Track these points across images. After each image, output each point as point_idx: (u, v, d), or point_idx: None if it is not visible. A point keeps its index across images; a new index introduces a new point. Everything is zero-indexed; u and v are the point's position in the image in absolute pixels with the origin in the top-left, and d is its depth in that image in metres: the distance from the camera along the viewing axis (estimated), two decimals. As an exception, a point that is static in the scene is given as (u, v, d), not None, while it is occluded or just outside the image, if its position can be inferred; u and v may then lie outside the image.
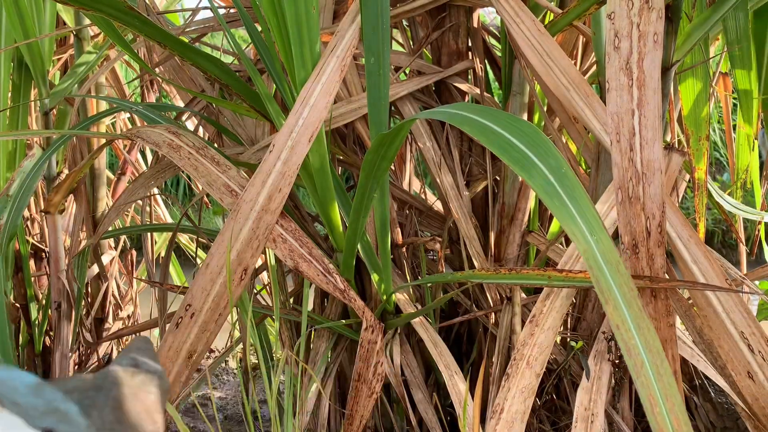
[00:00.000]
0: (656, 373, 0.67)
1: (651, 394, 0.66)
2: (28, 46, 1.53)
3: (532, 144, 0.75)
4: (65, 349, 1.76)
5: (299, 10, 0.96)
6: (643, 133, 0.82)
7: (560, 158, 0.74)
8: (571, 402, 1.25)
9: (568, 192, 0.71)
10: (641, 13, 0.83)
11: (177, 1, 2.06)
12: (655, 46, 0.82)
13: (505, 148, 0.76)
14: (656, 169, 0.82)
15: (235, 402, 1.95)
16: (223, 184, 1.04)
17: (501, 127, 0.78)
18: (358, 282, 1.31)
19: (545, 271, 0.97)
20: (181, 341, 0.94)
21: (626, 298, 0.68)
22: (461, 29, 1.37)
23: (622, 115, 0.82)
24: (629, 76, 0.83)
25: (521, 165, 0.74)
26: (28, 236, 1.89)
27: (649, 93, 0.81)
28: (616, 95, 0.83)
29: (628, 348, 0.67)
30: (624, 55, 0.83)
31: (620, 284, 0.68)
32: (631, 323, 0.67)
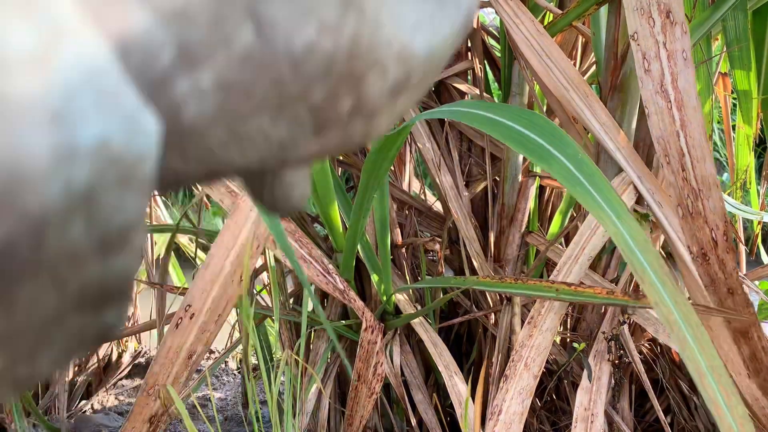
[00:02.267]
0: (699, 346, 0.67)
1: (698, 367, 0.66)
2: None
3: (546, 135, 0.76)
4: (65, 350, 1.76)
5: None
6: (692, 152, 0.82)
7: (575, 146, 0.74)
8: (571, 402, 1.25)
9: (588, 178, 0.72)
10: (665, 29, 0.82)
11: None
12: (686, 64, 0.81)
13: (521, 142, 0.76)
14: (712, 184, 0.82)
15: (235, 403, 1.95)
16: (222, 184, 1.04)
17: (513, 121, 0.79)
18: (358, 282, 1.31)
19: (553, 284, 0.97)
20: (180, 342, 0.94)
21: (659, 275, 0.68)
22: (461, 30, 1.37)
23: (667, 138, 0.82)
24: (666, 99, 0.82)
25: (539, 156, 0.74)
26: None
27: (690, 112, 0.81)
28: (657, 119, 0.82)
29: (670, 323, 0.67)
30: (656, 78, 0.82)
31: (651, 262, 0.68)
32: (669, 299, 0.67)
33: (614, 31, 1.07)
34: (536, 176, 1.35)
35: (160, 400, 0.94)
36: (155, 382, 0.94)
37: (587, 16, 1.11)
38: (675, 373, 1.34)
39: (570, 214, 1.43)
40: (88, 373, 1.98)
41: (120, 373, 2.10)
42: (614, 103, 1.10)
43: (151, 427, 0.96)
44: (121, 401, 2.00)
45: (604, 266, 1.19)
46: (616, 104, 1.11)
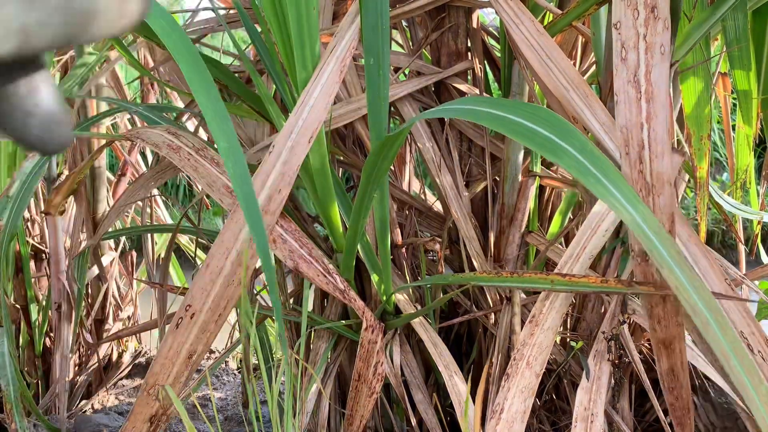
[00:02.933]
0: (721, 328, 0.67)
1: (722, 349, 0.67)
2: (28, 47, 1.53)
3: (553, 128, 0.76)
4: (65, 350, 1.77)
5: (300, 11, 0.96)
6: (653, 146, 0.82)
7: (583, 138, 0.75)
8: (571, 402, 1.25)
9: (599, 168, 0.72)
10: (647, 23, 0.83)
11: (177, 2, 2.06)
12: (662, 58, 0.82)
13: (529, 136, 0.76)
14: (665, 182, 0.82)
15: (236, 403, 1.95)
16: (222, 185, 1.04)
17: (518, 116, 0.79)
18: (358, 282, 1.31)
19: (548, 275, 0.97)
20: (181, 342, 0.94)
21: (676, 260, 0.68)
22: (460, 30, 1.37)
23: (631, 129, 0.82)
24: (637, 89, 0.82)
25: (548, 149, 0.74)
26: (28, 237, 1.89)
27: (658, 106, 0.81)
28: (624, 108, 0.82)
29: (692, 307, 0.67)
30: (631, 68, 0.83)
31: (668, 248, 0.68)
32: (688, 284, 0.68)
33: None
34: (536, 176, 1.36)
35: (159, 400, 0.94)
36: (155, 382, 0.95)
37: (587, 16, 1.11)
38: (675, 373, 1.34)
39: (569, 214, 1.43)
40: (88, 373, 1.98)
41: (120, 373, 2.10)
42: (614, 104, 1.10)
43: (151, 427, 0.96)
44: (121, 401, 2.00)
45: (604, 266, 1.19)
46: (615, 104, 1.11)
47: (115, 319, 2.09)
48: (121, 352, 2.16)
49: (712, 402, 1.31)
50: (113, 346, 2.12)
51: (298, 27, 0.97)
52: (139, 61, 1.82)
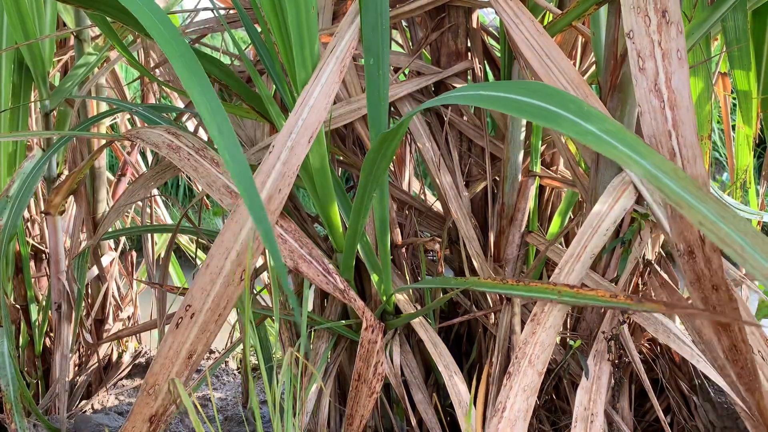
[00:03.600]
0: (762, 251, 0.63)
1: (762, 267, 0.62)
2: (28, 47, 1.53)
3: (546, 97, 0.75)
4: (65, 350, 1.77)
5: (300, 11, 0.96)
6: (683, 152, 0.81)
7: (578, 101, 0.74)
8: (571, 402, 1.25)
9: (598, 126, 0.71)
10: (660, 29, 0.82)
11: (178, 1, 2.06)
12: (680, 63, 0.81)
13: (525, 109, 0.75)
14: (702, 185, 0.81)
15: (236, 403, 1.95)
16: (222, 184, 1.04)
17: (512, 93, 0.78)
18: (358, 282, 1.31)
19: (555, 286, 0.97)
20: (180, 341, 0.94)
21: (697, 195, 0.66)
22: (460, 30, 1.37)
23: (659, 138, 0.82)
24: (660, 98, 0.82)
25: (546, 118, 0.73)
26: (28, 237, 1.89)
27: (683, 112, 0.81)
28: (650, 118, 0.82)
29: (722, 239, 0.64)
30: (651, 77, 0.82)
31: (685, 186, 0.66)
32: (712, 215, 0.66)
33: (614, 30, 1.07)
34: (536, 176, 1.36)
35: (168, 394, 0.94)
36: (155, 382, 0.94)
37: (587, 16, 1.11)
38: (675, 373, 1.34)
39: (570, 214, 1.43)
40: (88, 373, 1.98)
41: (120, 373, 2.10)
42: (614, 103, 1.10)
43: (151, 427, 0.96)
44: (121, 401, 2.00)
45: (604, 266, 1.19)
46: (615, 104, 1.11)
47: (115, 319, 2.09)
48: (121, 352, 2.16)
49: (712, 402, 1.31)
50: (113, 346, 2.12)
51: (298, 27, 0.97)
52: (139, 61, 1.82)
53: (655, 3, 0.81)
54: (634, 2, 0.82)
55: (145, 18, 0.83)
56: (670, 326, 1.14)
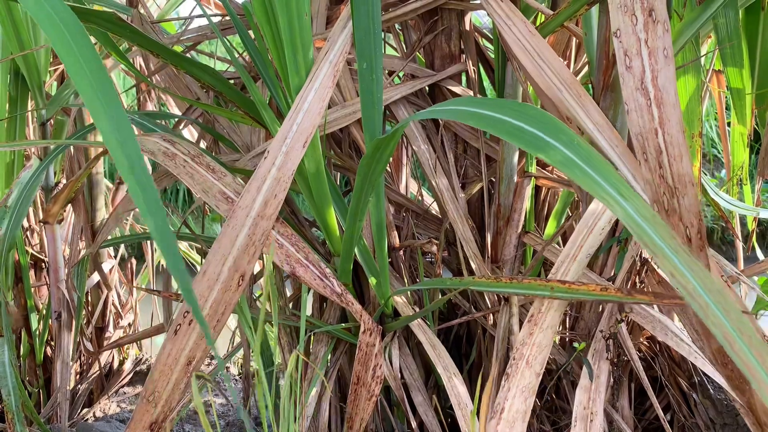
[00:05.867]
0: (723, 310, 0.64)
1: (725, 333, 0.64)
2: (24, 57, 1.54)
3: (540, 124, 0.76)
4: (66, 359, 1.77)
5: (292, 17, 0.97)
6: (670, 150, 0.82)
7: (570, 132, 0.75)
8: (571, 402, 1.25)
9: (586, 161, 0.72)
10: (647, 27, 0.82)
11: (173, 9, 2.07)
12: (666, 62, 0.82)
13: (515, 134, 0.77)
14: (688, 182, 0.82)
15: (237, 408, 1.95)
16: (218, 191, 1.05)
17: (505, 114, 0.79)
18: (356, 286, 1.31)
19: (548, 282, 0.98)
20: (179, 348, 0.94)
21: (671, 246, 0.67)
22: (453, 32, 1.38)
23: (646, 135, 0.82)
24: (646, 96, 0.82)
25: (535, 146, 0.74)
26: (27, 247, 1.89)
27: (669, 110, 0.81)
28: (636, 116, 0.82)
29: (689, 292, 0.65)
30: (637, 75, 0.82)
31: (662, 236, 0.67)
32: (684, 268, 0.66)
33: (605, 30, 1.08)
34: (532, 176, 1.36)
35: (168, 401, 0.94)
36: (155, 389, 0.95)
37: (578, 16, 1.11)
38: (674, 371, 1.34)
39: (566, 214, 1.43)
40: (89, 381, 1.98)
41: (121, 381, 2.10)
42: (607, 103, 1.11)
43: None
44: (123, 408, 2.00)
45: (601, 265, 1.19)
46: (608, 103, 1.11)
47: (116, 327, 2.09)
48: (122, 360, 2.16)
49: (712, 399, 1.31)
50: (114, 354, 2.12)
51: (290, 33, 0.98)
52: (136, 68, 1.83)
53: (642, 2, 0.82)
54: (621, 1, 0.83)
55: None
56: (668, 324, 1.14)
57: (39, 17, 0.82)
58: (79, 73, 0.80)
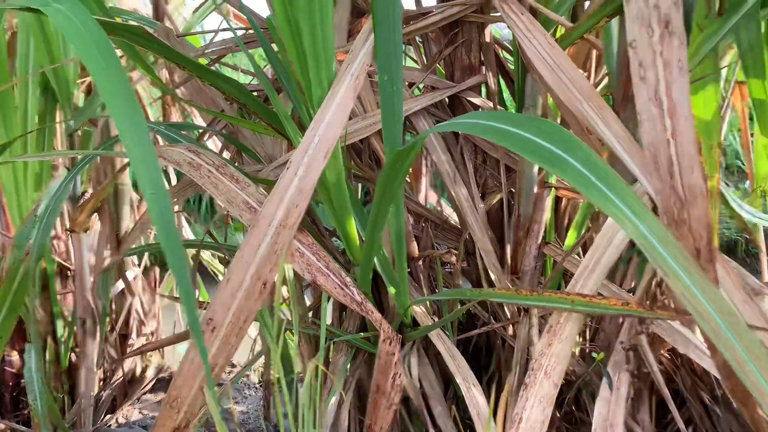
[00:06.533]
0: (735, 332, 0.66)
1: (736, 355, 0.65)
2: (54, 70, 1.58)
3: (557, 141, 0.77)
4: (91, 365, 1.80)
5: (315, 31, 0.99)
6: (681, 161, 0.82)
7: (587, 149, 0.75)
8: (591, 413, 1.24)
9: (602, 179, 0.73)
10: (663, 39, 0.83)
11: (198, 22, 2.11)
12: (681, 74, 0.82)
13: (532, 149, 0.77)
14: (698, 194, 0.82)
15: (257, 416, 1.96)
16: (242, 200, 1.06)
17: (523, 130, 0.80)
18: (376, 295, 1.32)
19: (568, 295, 0.98)
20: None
21: (683, 266, 0.68)
22: (474, 44, 1.39)
23: (657, 146, 0.83)
24: (659, 107, 0.83)
25: (551, 162, 0.75)
26: (54, 255, 1.93)
27: (682, 121, 0.82)
28: (648, 126, 0.83)
29: (700, 313, 0.66)
30: (651, 86, 0.83)
31: (674, 255, 0.68)
32: (695, 289, 0.67)
33: (626, 42, 1.08)
34: (552, 187, 1.36)
35: (191, 407, 0.95)
36: (178, 395, 0.96)
37: (599, 28, 1.12)
38: (696, 384, 1.33)
39: (587, 225, 1.43)
40: (113, 387, 2.01)
41: (144, 388, 2.13)
42: (627, 114, 1.11)
43: (174, 439, 0.98)
44: (145, 415, 2.02)
45: (621, 275, 1.19)
46: (628, 115, 1.11)
47: (139, 334, 2.12)
48: (144, 367, 2.19)
49: (734, 412, 1.29)
50: (137, 361, 2.15)
51: (313, 46, 1.00)
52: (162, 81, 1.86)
53: (658, 14, 0.82)
54: (639, 13, 0.83)
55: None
56: (689, 336, 1.13)
57: (68, 33, 0.85)
58: (106, 85, 0.83)
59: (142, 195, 2.10)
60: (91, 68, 0.84)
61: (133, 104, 0.84)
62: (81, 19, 0.88)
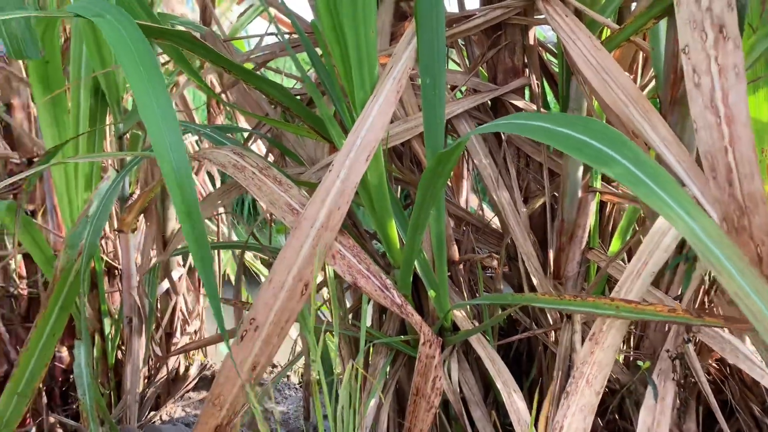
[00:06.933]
0: None
1: None
2: (105, 74, 1.63)
3: (604, 139, 0.76)
4: (137, 363, 1.84)
5: (359, 34, 0.99)
6: (740, 168, 0.80)
7: (635, 148, 0.74)
8: (635, 423, 1.22)
9: (652, 177, 0.71)
10: (717, 44, 0.80)
11: (243, 27, 2.15)
12: (738, 80, 0.79)
13: (580, 148, 0.76)
14: (759, 201, 0.80)
15: (297, 416, 1.98)
16: (285, 202, 1.08)
17: (569, 128, 0.79)
18: (416, 298, 1.32)
19: (613, 301, 0.96)
20: (245, 354, 0.97)
21: (738, 267, 0.66)
22: (517, 47, 1.38)
23: (715, 154, 0.81)
24: (716, 114, 0.80)
25: (599, 160, 0.74)
26: (102, 254, 1.98)
27: (740, 128, 0.79)
28: (705, 134, 0.81)
29: (753, 314, 0.64)
30: (707, 93, 0.81)
31: (729, 256, 0.67)
32: (750, 289, 0.66)
33: (673, 44, 1.06)
34: (596, 191, 1.34)
35: (233, 405, 0.97)
36: (220, 393, 0.98)
37: (645, 30, 1.10)
38: (745, 395, 1.29)
39: (632, 230, 1.40)
40: (157, 385, 2.06)
41: (187, 386, 2.17)
42: (674, 118, 1.09)
43: (216, 437, 1.00)
44: (187, 413, 2.06)
45: (667, 282, 1.16)
46: (676, 119, 1.09)
47: (182, 333, 2.16)
48: (187, 366, 2.23)
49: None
50: (180, 360, 2.19)
51: (357, 49, 1.00)
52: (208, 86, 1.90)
53: (712, 18, 0.80)
54: (690, 17, 0.81)
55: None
56: (738, 346, 1.10)
57: (112, 40, 0.88)
58: (144, 96, 0.86)
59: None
60: (131, 78, 0.88)
61: (171, 115, 0.87)
62: (126, 29, 0.92)
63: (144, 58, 0.90)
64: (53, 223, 1.89)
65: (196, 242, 0.88)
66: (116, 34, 0.91)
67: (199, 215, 0.89)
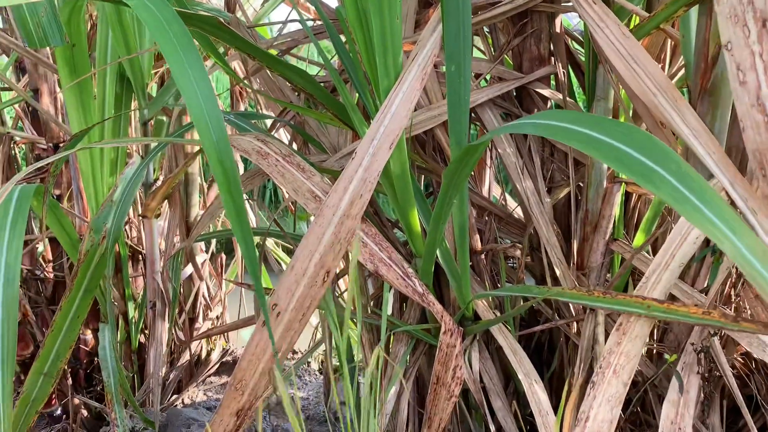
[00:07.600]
0: None
1: None
2: (130, 60, 1.64)
3: (645, 149, 0.73)
4: (160, 347, 1.86)
5: (384, 21, 0.99)
6: None
7: (679, 160, 0.71)
8: (657, 416, 1.21)
9: (697, 194, 0.69)
10: (761, 39, 0.77)
11: (267, 13, 2.15)
12: None
13: (618, 158, 0.73)
14: None
15: (317, 402, 2.00)
16: (307, 189, 1.08)
17: (605, 135, 0.76)
18: (437, 288, 1.32)
19: (644, 300, 0.95)
20: (267, 339, 0.98)
21: None
22: (543, 35, 1.36)
23: (764, 152, 0.79)
24: (763, 112, 0.78)
25: (640, 174, 0.71)
26: (126, 239, 2.01)
27: None
28: (753, 133, 0.78)
29: None
30: (752, 91, 0.78)
31: None
32: None
33: (705, 33, 1.04)
34: (622, 182, 1.32)
35: (254, 390, 0.98)
36: (242, 377, 0.99)
37: (676, 18, 1.08)
38: (772, 390, 1.27)
39: (658, 221, 1.39)
40: (179, 369, 2.08)
41: (209, 371, 2.20)
42: (704, 107, 1.07)
43: (237, 421, 1.01)
44: (209, 397, 2.09)
45: (694, 275, 1.15)
46: (706, 108, 1.07)
47: (205, 318, 2.19)
48: (209, 350, 2.26)
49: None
50: (202, 344, 2.22)
51: (382, 36, 1.00)
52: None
53: (755, 12, 0.77)
54: (731, 11, 0.78)
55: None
56: (765, 340, 1.08)
57: (149, 22, 0.89)
58: (183, 74, 0.87)
59: (210, 182, 2.16)
60: (171, 61, 0.88)
61: (211, 97, 0.88)
62: (163, 13, 0.92)
63: (181, 38, 0.91)
64: (79, 207, 1.92)
65: (237, 217, 0.90)
66: (151, 15, 0.92)
67: (239, 189, 0.90)
